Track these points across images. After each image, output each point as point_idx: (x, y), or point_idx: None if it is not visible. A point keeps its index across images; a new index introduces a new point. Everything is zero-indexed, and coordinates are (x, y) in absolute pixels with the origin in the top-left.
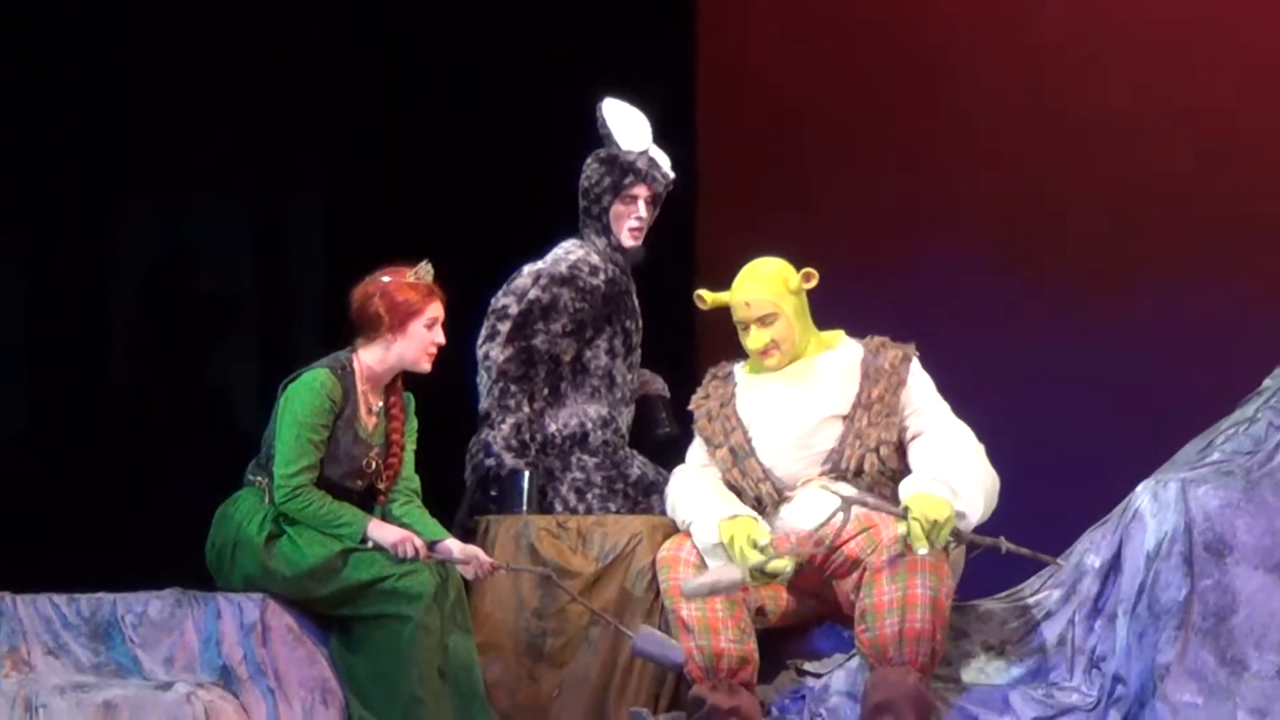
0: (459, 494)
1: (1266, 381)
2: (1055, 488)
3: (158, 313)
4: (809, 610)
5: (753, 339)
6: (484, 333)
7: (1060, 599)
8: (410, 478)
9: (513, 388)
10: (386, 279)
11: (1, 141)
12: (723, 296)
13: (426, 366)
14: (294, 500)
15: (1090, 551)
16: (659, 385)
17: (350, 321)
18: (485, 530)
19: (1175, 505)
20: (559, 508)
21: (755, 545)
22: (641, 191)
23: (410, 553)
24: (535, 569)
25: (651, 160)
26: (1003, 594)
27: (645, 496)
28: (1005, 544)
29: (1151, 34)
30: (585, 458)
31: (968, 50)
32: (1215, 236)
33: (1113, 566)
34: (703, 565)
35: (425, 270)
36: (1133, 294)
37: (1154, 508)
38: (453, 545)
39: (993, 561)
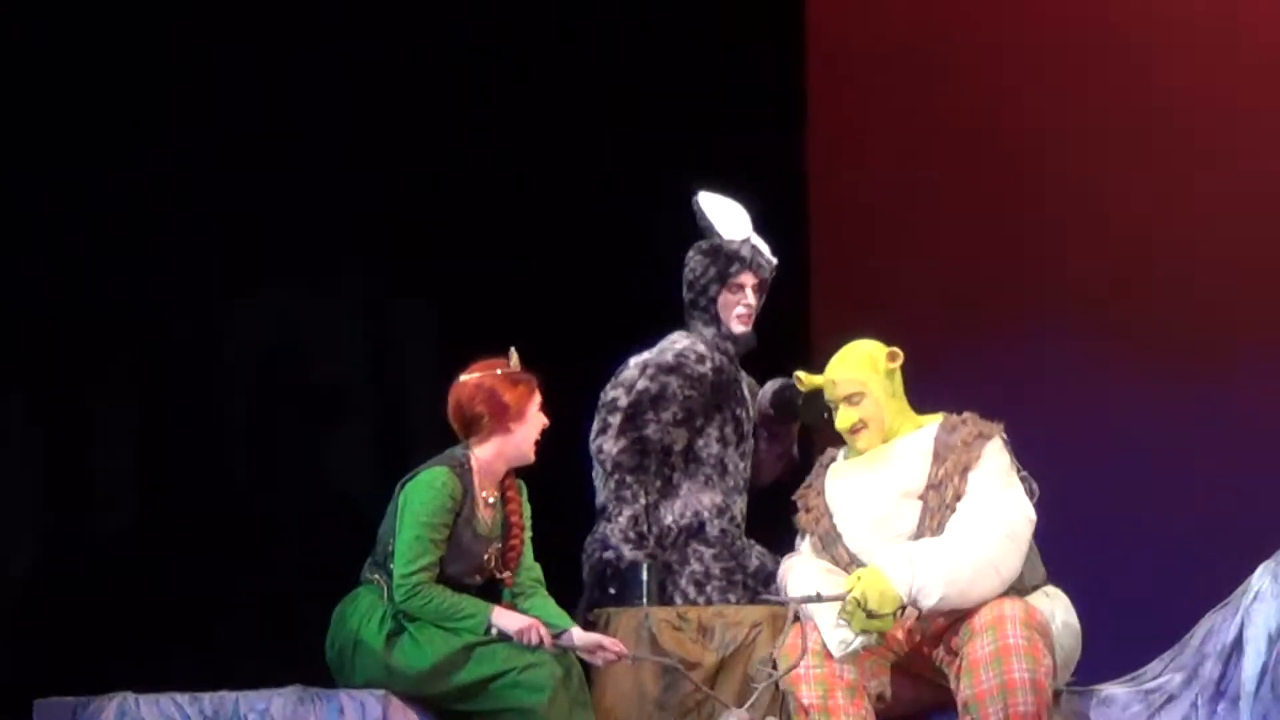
0: (574, 587)
1: None
2: (1173, 569)
3: (271, 408)
4: (927, 698)
5: (840, 418)
6: (596, 427)
7: (1182, 683)
8: (531, 566)
9: (628, 479)
10: (483, 377)
11: (110, 241)
12: (818, 378)
13: (533, 456)
14: (415, 598)
15: (1212, 633)
16: (774, 383)
17: (455, 422)
18: (605, 623)
19: None
20: (678, 600)
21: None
22: (747, 279)
23: (535, 640)
24: (661, 659)
25: (754, 248)
26: (1124, 678)
27: (764, 586)
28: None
29: (1262, 120)
30: (702, 549)
31: (1071, 134)
32: None
33: (1234, 649)
34: (824, 650)
35: (515, 360)
36: (1241, 372)
37: (1274, 589)
38: (576, 634)
39: (1113, 645)
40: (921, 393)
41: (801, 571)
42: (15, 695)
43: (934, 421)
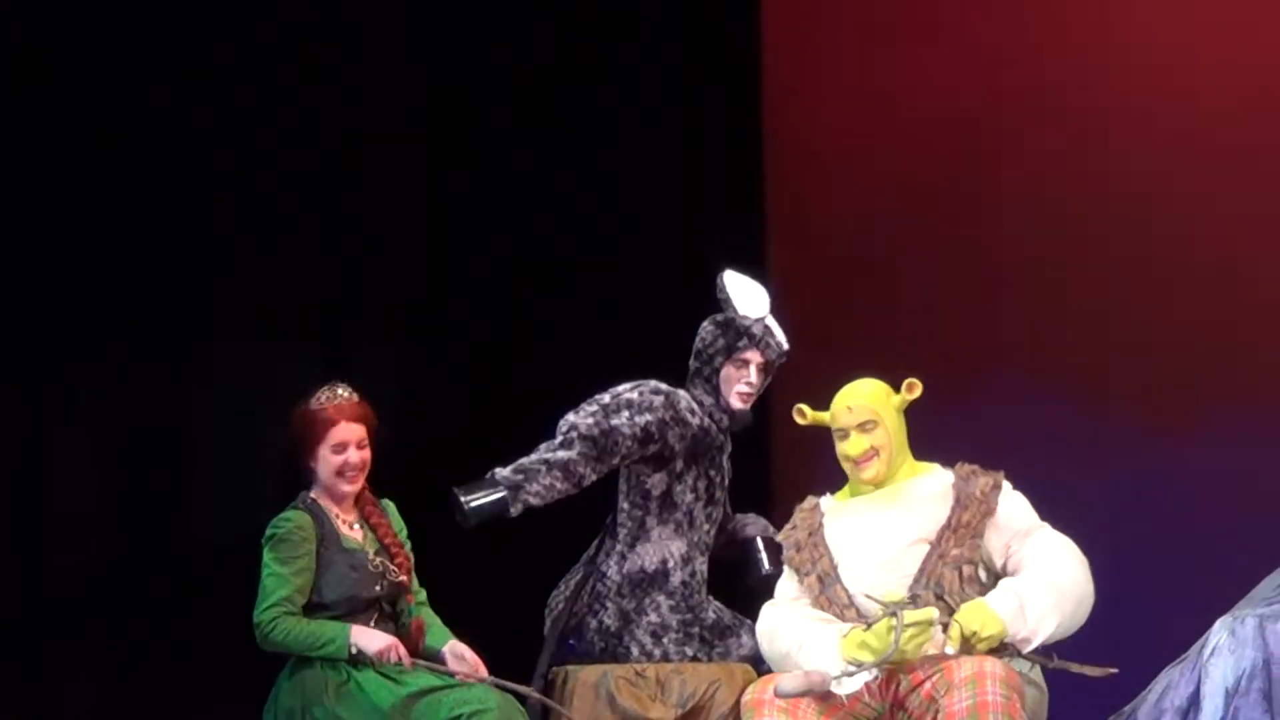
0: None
1: None
2: (1133, 623)
3: (248, 455)
4: None
5: (852, 444)
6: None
7: None
8: (418, 590)
9: (577, 454)
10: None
11: (78, 293)
12: (823, 415)
13: (347, 489)
14: (274, 633)
15: (1169, 689)
16: (760, 526)
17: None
18: (564, 680)
19: (1253, 641)
20: (635, 651)
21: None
22: (754, 356)
23: (394, 659)
24: (523, 688)
25: (767, 328)
26: None
27: (721, 639)
28: (1055, 660)
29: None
30: (660, 599)
31: (1045, 182)
32: None
33: (1192, 704)
34: (786, 705)
35: (330, 394)
36: (1216, 423)
37: (1232, 644)
38: (446, 650)
39: (1072, 701)
40: None
41: (793, 614)
42: None
43: (935, 467)
